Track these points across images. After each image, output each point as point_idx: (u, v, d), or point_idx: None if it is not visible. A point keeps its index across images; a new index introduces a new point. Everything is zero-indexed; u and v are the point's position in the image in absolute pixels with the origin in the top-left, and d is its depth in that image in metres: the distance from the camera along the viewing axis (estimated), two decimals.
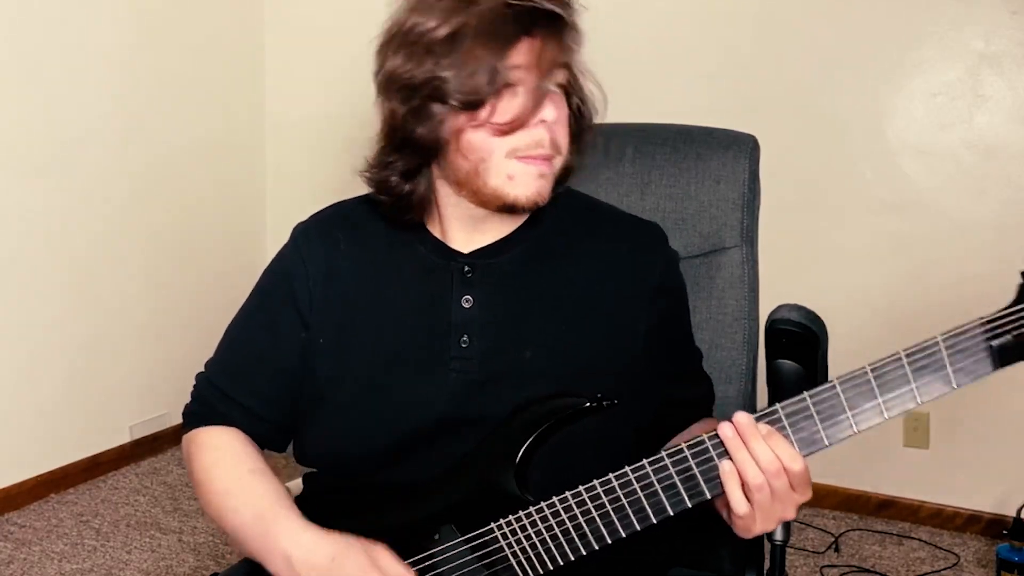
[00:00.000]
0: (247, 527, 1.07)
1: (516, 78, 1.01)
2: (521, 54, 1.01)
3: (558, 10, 1.01)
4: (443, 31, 1.01)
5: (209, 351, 1.24)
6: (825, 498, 2.91)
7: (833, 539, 2.72)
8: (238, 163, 3.63)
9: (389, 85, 1.06)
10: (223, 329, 1.25)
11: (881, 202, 2.79)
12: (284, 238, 1.23)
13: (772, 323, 1.02)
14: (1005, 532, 2.47)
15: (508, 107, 1.01)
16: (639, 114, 1.77)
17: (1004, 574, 2.43)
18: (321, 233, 1.19)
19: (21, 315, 2.87)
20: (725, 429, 0.92)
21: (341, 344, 1.13)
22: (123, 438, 3.22)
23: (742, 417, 0.91)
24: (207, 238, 3.51)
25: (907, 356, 0.88)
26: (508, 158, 1.03)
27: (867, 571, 2.56)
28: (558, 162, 1.07)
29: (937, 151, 2.73)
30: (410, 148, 1.06)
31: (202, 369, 1.24)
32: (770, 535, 1.26)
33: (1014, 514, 2.49)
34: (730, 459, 0.92)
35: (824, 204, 2.86)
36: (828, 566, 2.58)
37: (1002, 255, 2.47)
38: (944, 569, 2.56)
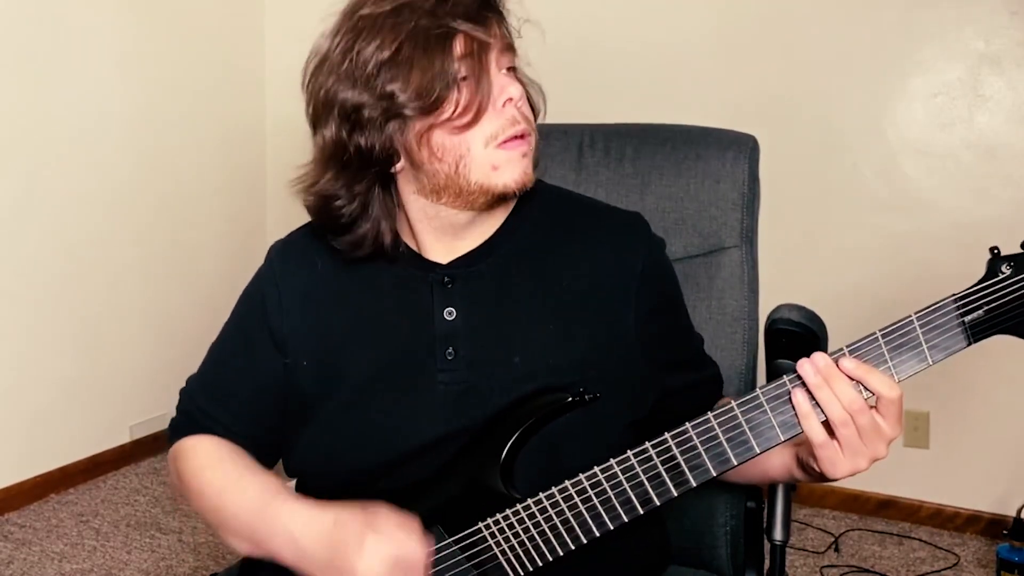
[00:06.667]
0: (246, 516, 1.06)
1: (466, 69, 1.01)
2: (461, 45, 1.01)
3: None
4: (382, 51, 1.00)
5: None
6: (825, 498, 2.91)
7: (833, 539, 2.72)
8: (238, 163, 3.63)
9: (328, 111, 1.04)
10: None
11: (881, 202, 2.79)
12: None
13: (772, 323, 1.02)
14: (1005, 532, 2.47)
15: (467, 98, 1.01)
16: (639, 114, 1.77)
17: (1004, 574, 2.43)
18: (297, 254, 1.18)
19: (21, 315, 2.88)
20: (806, 367, 0.91)
21: (325, 365, 1.12)
22: (123, 438, 3.22)
23: (820, 359, 0.91)
24: (208, 238, 3.52)
25: (883, 335, 0.90)
26: (488, 147, 1.02)
27: (867, 571, 2.56)
28: (533, 139, 1.07)
29: (937, 151, 2.73)
30: (360, 168, 1.05)
31: (186, 382, 1.23)
32: (770, 534, 1.26)
33: (1014, 514, 2.48)
34: (806, 397, 0.91)
35: (824, 204, 2.86)
36: (828, 566, 2.58)
37: None
38: (944, 569, 2.56)
